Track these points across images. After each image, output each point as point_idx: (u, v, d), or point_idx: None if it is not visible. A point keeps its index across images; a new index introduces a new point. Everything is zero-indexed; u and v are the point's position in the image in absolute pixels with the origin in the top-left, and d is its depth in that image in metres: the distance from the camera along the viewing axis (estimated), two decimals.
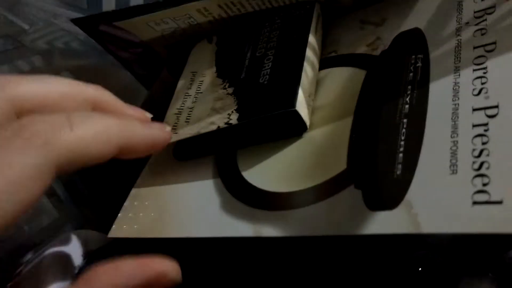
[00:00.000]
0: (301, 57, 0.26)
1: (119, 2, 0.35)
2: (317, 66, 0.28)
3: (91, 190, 0.38)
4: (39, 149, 0.18)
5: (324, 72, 0.28)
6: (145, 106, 0.28)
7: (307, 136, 0.24)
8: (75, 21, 0.34)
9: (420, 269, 0.22)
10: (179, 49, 0.35)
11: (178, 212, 0.23)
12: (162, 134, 0.22)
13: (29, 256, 0.32)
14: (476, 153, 0.18)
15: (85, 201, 0.38)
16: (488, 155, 0.17)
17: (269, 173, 0.23)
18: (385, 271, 0.22)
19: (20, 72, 0.36)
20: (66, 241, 0.29)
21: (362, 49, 0.28)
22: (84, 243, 0.31)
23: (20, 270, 0.29)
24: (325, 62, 0.28)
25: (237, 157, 0.25)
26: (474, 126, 0.19)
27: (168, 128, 0.23)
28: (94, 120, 0.19)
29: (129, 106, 0.23)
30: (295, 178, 0.21)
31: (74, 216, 0.37)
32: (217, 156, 0.26)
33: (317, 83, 0.27)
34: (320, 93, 0.26)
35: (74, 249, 0.29)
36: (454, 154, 0.18)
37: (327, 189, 0.20)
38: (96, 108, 0.22)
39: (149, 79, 0.40)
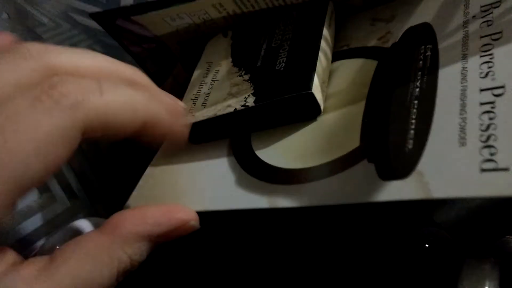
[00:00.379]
0: (316, 46, 0.27)
1: None
2: (330, 57, 0.29)
3: (103, 183, 0.39)
4: (67, 111, 0.18)
5: (337, 63, 0.29)
6: None
7: (320, 119, 0.25)
8: (93, 15, 0.36)
9: (427, 245, 0.23)
10: (193, 45, 0.36)
11: (193, 188, 0.25)
12: (181, 125, 0.23)
13: (42, 242, 0.33)
14: (484, 127, 0.19)
15: (97, 194, 0.39)
16: (495, 129, 0.18)
17: (282, 152, 0.24)
18: (393, 245, 0.23)
19: None
20: (79, 223, 0.30)
21: (373, 43, 0.29)
22: (96, 227, 0.32)
23: (35, 252, 0.30)
24: (337, 55, 0.30)
25: (252, 138, 0.26)
26: (481, 104, 0.20)
27: (187, 122, 0.23)
28: (125, 90, 0.20)
29: (163, 92, 0.23)
30: (309, 156, 0.23)
31: (85, 207, 0.38)
32: (232, 138, 0.27)
33: (330, 74, 0.28)
34: (333, 82, 0.28)
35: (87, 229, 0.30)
36: (462, 129, 0.19)
37: (341, 164, 0.21)
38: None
39: (160, 76, 0.41)
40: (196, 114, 0.27)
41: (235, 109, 0.26)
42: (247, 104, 0.26)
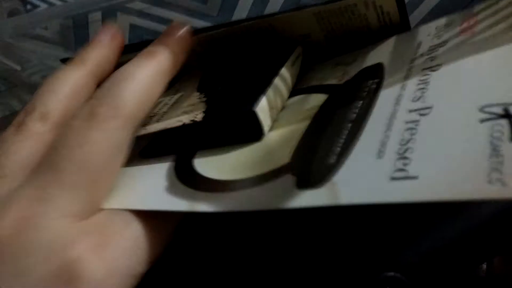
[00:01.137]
0: (272, 77, 0.30)
1: None
2: (285, 92, 0.31)
3: None
4: None
5: (292, 98, 0.31)
6: None
7: (264, 139, 0.27)
8: (64, 61, 0.38)
9: None
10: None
11: (125, 187, 0.26)
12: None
13: None
14: (403, 142, 0.20)
15: None
16: (413, 143, 0.20)
17: (217, 164, 0.26)
18: None
19: (13, 111, 0.41)
20: None
21: (330, 82, 0.31)
22: None
23: None
24: (295, 92, 0.31)
25: (198, 152, 0.28)
26: (407, 122, 0.21)
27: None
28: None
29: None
30: (239, 170, 0.24)
31: None
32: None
33: (284, 107, 0.30)
34: (284, 111, 0.30)
35: None
36: (384, 144, 0.20)
37: (267, 177, 0.22)
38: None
39: None
40: (148, 127, 0.29)
41: (184, 123, 0.28)
42: (195, 119, 0.28)
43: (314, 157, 0.22)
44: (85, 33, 0.39)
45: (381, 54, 0.32)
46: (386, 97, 0.25)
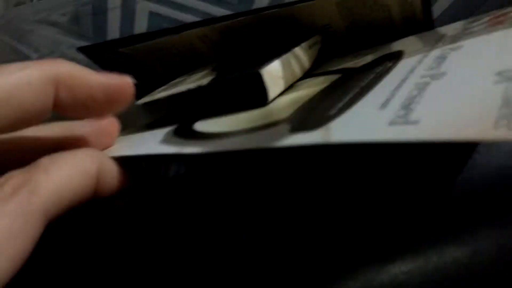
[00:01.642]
0: (286, 51, 0.30)
1: (123, 32, 0.40)
2: (297, 71, 0.31)
3: None
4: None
5: (308, 79, 0.31)
6: None
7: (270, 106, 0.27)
8: (81, 49, 0.39)
9: None
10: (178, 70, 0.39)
11: (124, 141, 0.26)
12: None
13: None
14: (410, 96, 0.19)
15: None
16: (420, 97, 0.19)
17: (216, 123, 0.25)
18: None
19: None
20: None
21: (346, 66, 0.31)
22: None
23: None
24: (309, 76, 0.31)
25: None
26: (416, 83, 0.21)
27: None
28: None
29: (101, 75, 0.23)
30: (236, 123, 0.24)
31: None
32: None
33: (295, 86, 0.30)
34: (294, 88, 0.29)
35: None
36: (389, 99, 0.20)
37: (261, 127, 0.22)
38: (62, 84, 0.22)
39: None
40: (155, 94, 0.29)
41: (189, 89, 0.27)
42: (201, 84, 0.27)
43: (314, 110, 0.22)
44: (103, 20, 0.39)
45: (402, 44, 0.31)
46: (400, 68, 0.25)
